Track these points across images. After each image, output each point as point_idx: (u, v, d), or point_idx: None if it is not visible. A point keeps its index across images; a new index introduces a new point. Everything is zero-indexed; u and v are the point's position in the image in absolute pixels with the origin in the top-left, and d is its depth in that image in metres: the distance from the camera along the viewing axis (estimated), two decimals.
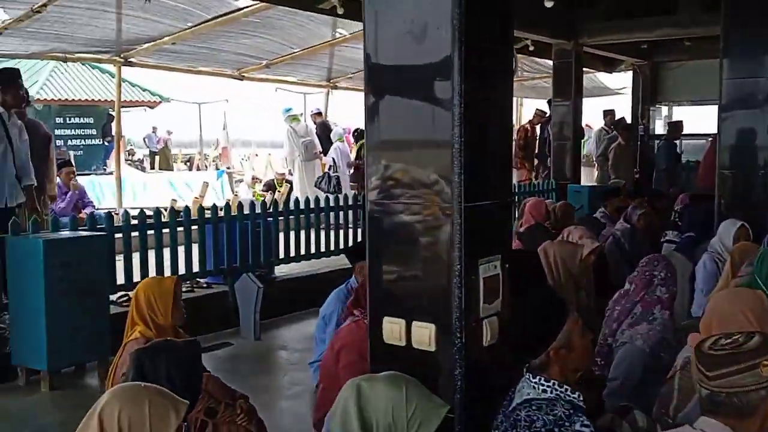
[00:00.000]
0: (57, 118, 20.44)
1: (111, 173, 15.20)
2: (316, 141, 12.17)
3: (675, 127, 11.48)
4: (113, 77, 22.67)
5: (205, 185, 11.86)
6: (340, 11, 8.09)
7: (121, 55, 9.85)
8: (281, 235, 7.30)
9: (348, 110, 17.33)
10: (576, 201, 9.69)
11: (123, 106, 25.66)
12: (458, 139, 2.48)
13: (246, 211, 6.74)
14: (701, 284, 5.42)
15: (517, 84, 16.16)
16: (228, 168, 15.61)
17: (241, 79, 11.78)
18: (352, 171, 12.80)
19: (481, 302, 2.59)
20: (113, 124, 14.33)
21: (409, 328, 2.62)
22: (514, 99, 18.68)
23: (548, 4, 7.61)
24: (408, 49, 2.56)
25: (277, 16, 9.70)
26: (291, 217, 7.30)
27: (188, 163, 23.22)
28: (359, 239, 8.01)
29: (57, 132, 18.99)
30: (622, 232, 7.52)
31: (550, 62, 13.52)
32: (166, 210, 6.52)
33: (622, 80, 16.38)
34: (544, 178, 12.09)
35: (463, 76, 2.46)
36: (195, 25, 9.25)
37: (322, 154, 12.32)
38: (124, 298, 5.97)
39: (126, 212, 5.94)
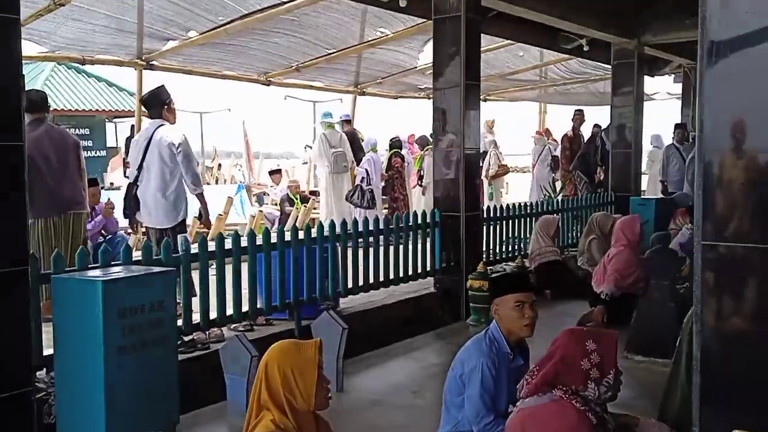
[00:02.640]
0: None
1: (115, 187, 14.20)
2: (349, 153, 11.17)
3: None
4: (110, 86, 21.81)
5: (230, 201, 10.83)
6: (402, 3, 7.14)
7: (143, 58, 8.84)
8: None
9: (371, 117, 16.38)
10: (641, 215, 8.73)
11: (118, 116, 24.67)
12: None
13: (314, 235, 5.74)
14: None
15: (540, 90, 15.30)
16: (259, 183, 14.58)
17: (268, 84, 10.83)
18: (383, 184, 11.86)
19: None
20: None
21: None
22: (537, 104, 17.91)
23: None
24: None
25: (315, 13, 8.77)
26: (360, 240, 6.29)
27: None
28: (427, 262, 7.02)
29: None
30: None
31: (582, 67, 12.74)
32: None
33: (655, 85, 15.57)
34: (593, 189, 11.13)
35: None
36: (229, 21, 8.29)
37: (355, 165, 11.32)
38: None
39: (186, 240, 4.91)
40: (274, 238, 5.45)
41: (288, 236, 5.60)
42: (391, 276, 6.55)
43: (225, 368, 4.52)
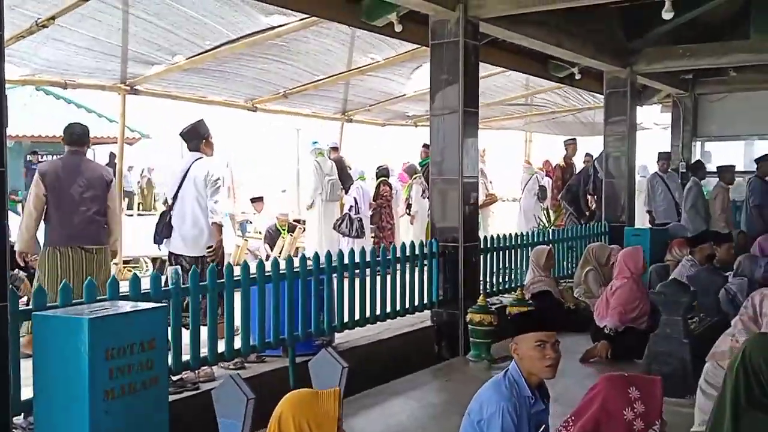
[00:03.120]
0: (29, 156, 18.92)
1: None
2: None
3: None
4: (89, 112, 21.43)
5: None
6: (398, 28, 6.97)
7: (126, 83, 8.58)
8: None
9: (357, 144, 16.19)
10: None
11: (97, 143, 24.26)
12: None
13: (310, 266, 5.48)
14: None
15: (527, 119, 15.19)
16: (243, 212, 14.28)
17: (254, 111, 10.59)
18: (371, 213, 11.61)
19: None
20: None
21: None
22: (524, 133, 17.79)
23: (666, 16, 6.57)
24: None
25: (305, 39, 8.56)
26: (357, 271, 6.02)
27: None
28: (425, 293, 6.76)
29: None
30: (738, 287, 6.43)
31: (574, 95, 12.66)
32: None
33: (641, 115, 15.53)
34: (577, 221, 10.93)
35: None
36: (216, 46, 8.05)
37: (344, 193, 11.11)
38: None
39: (176, 272, 4.62)
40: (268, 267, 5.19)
41: (283, 267, 5.33)
42: (388, 309, 6.29)
43: (218, 411, 4.19)
